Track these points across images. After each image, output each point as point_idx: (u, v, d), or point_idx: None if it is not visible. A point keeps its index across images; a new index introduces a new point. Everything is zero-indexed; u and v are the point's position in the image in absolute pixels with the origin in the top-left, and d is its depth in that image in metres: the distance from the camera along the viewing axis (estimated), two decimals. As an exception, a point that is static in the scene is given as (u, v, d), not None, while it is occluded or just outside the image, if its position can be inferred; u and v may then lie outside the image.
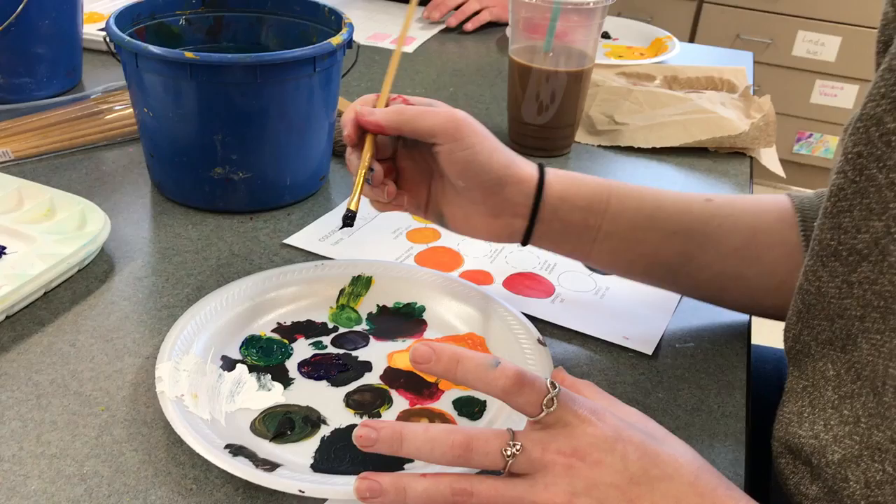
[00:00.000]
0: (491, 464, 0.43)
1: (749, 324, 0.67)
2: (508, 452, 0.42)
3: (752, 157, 0.95)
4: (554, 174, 0.59)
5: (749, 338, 0.65)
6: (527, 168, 0.58)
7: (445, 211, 0.60)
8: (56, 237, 0.67)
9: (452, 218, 0.60)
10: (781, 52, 2.53)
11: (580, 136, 0.97)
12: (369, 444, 0.43)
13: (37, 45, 0.93)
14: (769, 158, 0.95)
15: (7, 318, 0.60)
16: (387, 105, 0.58)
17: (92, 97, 0.93)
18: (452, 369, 0.43)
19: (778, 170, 0.95)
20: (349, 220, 0.55)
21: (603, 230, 0.58)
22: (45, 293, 0.63)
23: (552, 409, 0.43)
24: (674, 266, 0.60)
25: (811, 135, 2.64)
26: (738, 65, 1.17)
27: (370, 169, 0.56)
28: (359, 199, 0.56)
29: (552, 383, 0.43)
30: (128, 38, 0.70)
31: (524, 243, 0.60)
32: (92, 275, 0.66)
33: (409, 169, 0.60)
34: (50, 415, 0.52)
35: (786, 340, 0.52)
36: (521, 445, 0.42)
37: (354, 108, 0.56)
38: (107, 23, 0.73)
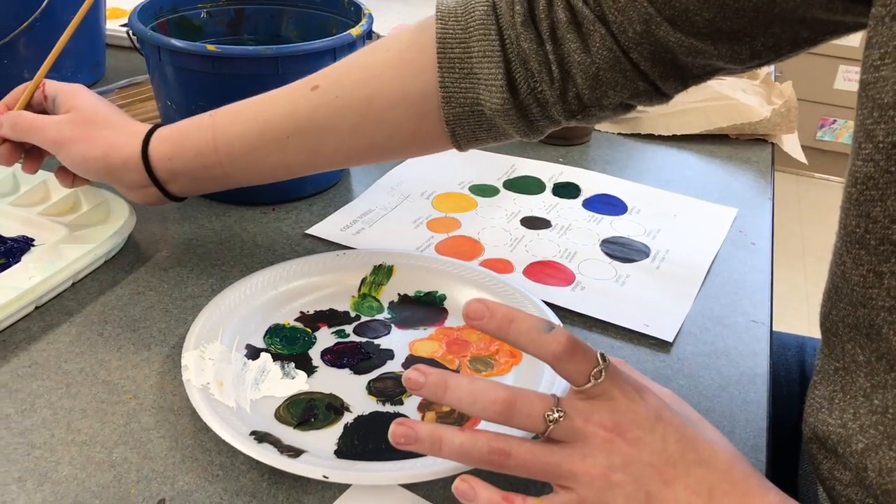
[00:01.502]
0: (532, 426, 0.43)
1: (771, 310, 0.66)
2: (551, 417, 0.42)
3: (773, 144, 0.94)
4: (158, 139, 0.61)
5: (771, 324, 0.65)
6: (129, 145, 0.61)
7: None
8: (83, 229, 0.68)
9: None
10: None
11: (600, 124, 0.96)
12: (417, 387, 0.44)
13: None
14: (791, 145, 0.95)
15: (36, 308, 0.62)
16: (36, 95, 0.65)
17: (115, 90, 0.95)
18: (505, 328, 0.43)
19: (800, 156, 0.94)
20: None
21: (224, 164, 0.60)
22: (73, 284, 0.64)
23: (599, 380, 0.43)
24: (307, 161, 0.61)
25: (834, 121, 2.61)
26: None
27: None
28: None
29: (602, 356, 0.43)
30: (150, 31, 0.71)
31: (174, 200, 0.64)
32: (118, 266, 0.67)
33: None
34: (79, 403, 0.54)
35: (820, 316, 0.52)
36: (564, 412, 0.42)
37: None
38: (130, 17, 0.74)
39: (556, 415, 0.42)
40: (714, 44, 0.47)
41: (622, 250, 0.73)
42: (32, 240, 0.68)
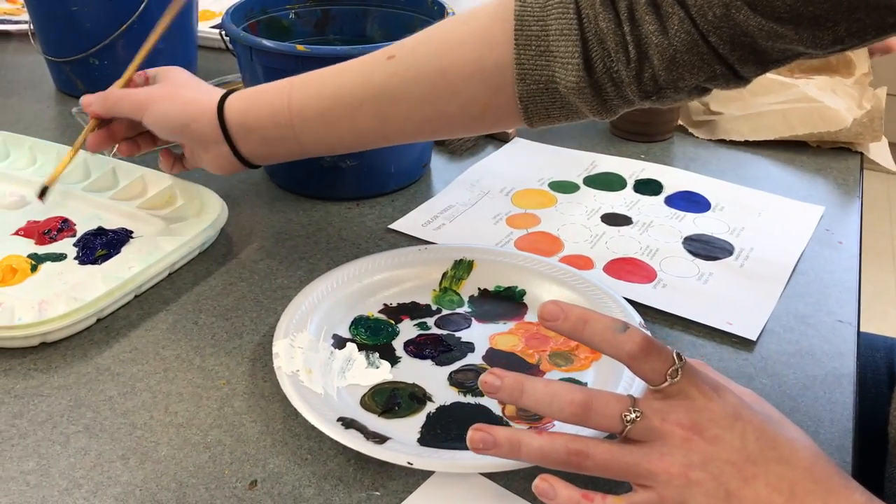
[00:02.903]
0: (609, 426, 0.43)
1: (858, 310, 0.65)
2: (628, 418, 0.42)
3: (861, 155, 0.90)
4: (235, 96, 0.63)
5: (858, 324, 0.64)
6: (208, 100, 0.64)
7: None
8: (178, 222, 0.71)
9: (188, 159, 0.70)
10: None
11: (684, 122, 0.94)
12: (493, 390, 0.45)
13: (157, 41, 0.98)
14: (878, 152, 0.90)
15: (136, 296, 0.65)
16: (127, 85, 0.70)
17: (207, 90, 0.98)
18: (580, 329, 0.44)
19: (889, 164, 0.90)
20: (42, 195, 0.70)
21: (296, 126, 0.61)
22: (170, 274, 0.67)
23: (675, 379, 0.43)
24: (377, 129, 0.61)
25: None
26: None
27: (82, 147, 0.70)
28: (57, 177, 0.70)
29: (678, 355, 0.43)
30: (242, 32, 0.74)
31: (246, 164, 0.65)
32: (211, 257, 0.70)
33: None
34: (176, 387, 0.56)
35: None
36: (641, 412, 0.43)
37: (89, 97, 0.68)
38: (223, 18, 0.77)
39: (633, 415, 0.42)
40: (795, 28, 0.47)
41: (705, 248, 0.72)
42: (131, 232, 0.71)
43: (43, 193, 0.70)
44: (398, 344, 0.60)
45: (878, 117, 0.87)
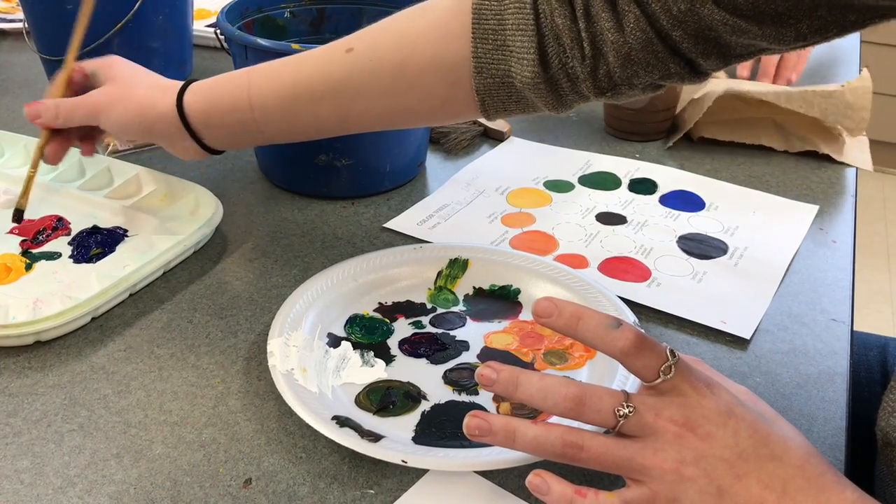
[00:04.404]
0: (602, 421, 0.43)
1: (852, 309, 0.65)
2: (621, 412, 0.43)
3: (856, 169, 0.87)
4: (192, 93, 0.62)
5: (852, 323, 0.64)
6: (164, 100, 0.63)
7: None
8: (173, 221, 0.71)
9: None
10: (893, 30, 2.42)
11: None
12: (489, 383, 0.45)
13: (151, 40, 0.98)
14: (857, 152, 0.88)
15: (130, 295, 0.65)
16: (68, 84, 0.67)
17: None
18: (573, 326, 0.44)
19: (867, 164, 0.88)
20: (17, 218, 0.67)
21: (259, 121, 0.61)
22: (164, 273, 0.67)
23: (668, 376, 0.43)
24: (339, 122, 0.61)
25: (923, 117, 2.52)
26: (842, 45, 1.13)
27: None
28: (27, 197, 0.68)
29: (671, 351, 0.43)
30: (238, 31, 0.74)
31: (212, 153, 0.65)
32: (206, 256, 0.70)
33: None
34: (171, 385, 0.56)
35: None
36: (635, 407, 0.43)
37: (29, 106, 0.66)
38: (218, 17, 0.77)
39: (625, 410, 0.43)
40: (759, 25, 0.47)
41: (699, 247, 0.73)
42: (126, 231, 0.71)
43: (19, 217, 0.67)
44: (393, 342, 0.60)
45: (867, 90, 0.86)
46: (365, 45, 0.59)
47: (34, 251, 0.69)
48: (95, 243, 0.69)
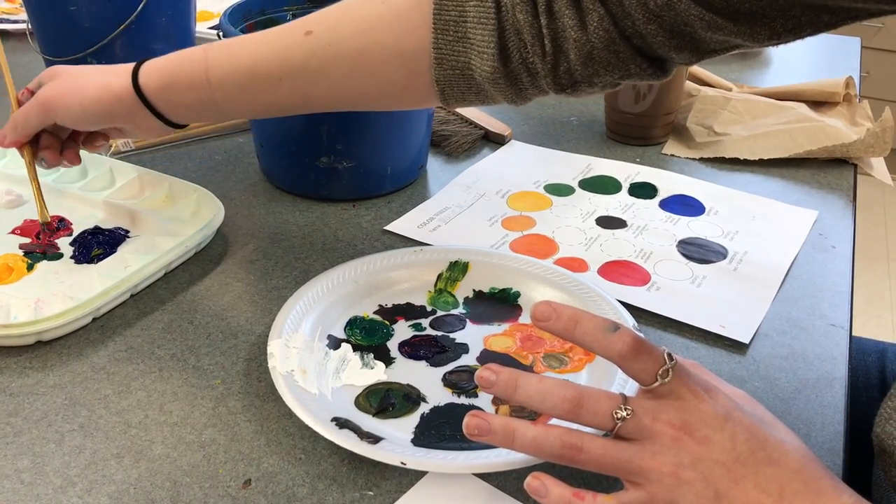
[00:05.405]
0: (600, 423, 0.43)
1: (850, 314, 0.65)
2: (619, 415, 0.43)
3: (855, 166, 0.89)
4: (147, 72, 0.61)
5: (850, 328, 0.64)
6: (119, 82, 0.61)
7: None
8: (174, 222, 0.72)
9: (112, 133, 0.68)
10: (894, 35, 2.42)
11: (678, 150, 0.92)
12: (488, 385, 0.45)
13: (154, 42, 0.98)
14: (876, 166, 0.90)
15: (132, 296, 0.65)
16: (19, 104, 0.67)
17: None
18: (571, 329, 0.44)
19: (885, 178, 0.89)
20: (48, 230, 0.70)
21: (218, 100, 0.61)
22: (165, 274, 0.68)
23: (666, 379, 0.43)
24: (299, 103, 0.61)
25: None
26: (844, 51, 1.13)
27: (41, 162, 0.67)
28: (45, 209, 0.69)
29: (669, 355, 0.44)
30: (240, 33, 0.74)
31: (177, 128, 0.65)
32: (207, 257, 0.70)
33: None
34: (171, 386, 0.57)
35: None
36: (632, 410, 0.43)
37: None
38: (220, 19, 0.77)
39: (623, 413, 0.43)
40: (734, 22, 0.47)
41: (699, 251, 0.73)
42: (128, 231, 0.72)
43: (49, 229, 0.71)
44: (393, 345, 0.60)
45: (891, 127, 0.86)
46: (324, 29, 0.58)
47: (37, 252, 0.69)
48: (97, 244, 0.69)
